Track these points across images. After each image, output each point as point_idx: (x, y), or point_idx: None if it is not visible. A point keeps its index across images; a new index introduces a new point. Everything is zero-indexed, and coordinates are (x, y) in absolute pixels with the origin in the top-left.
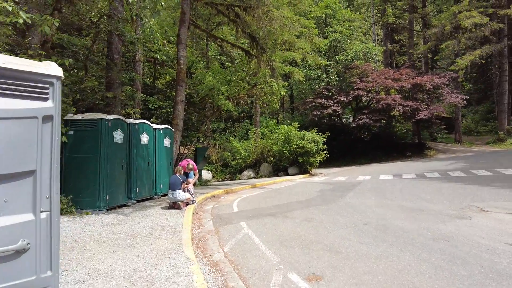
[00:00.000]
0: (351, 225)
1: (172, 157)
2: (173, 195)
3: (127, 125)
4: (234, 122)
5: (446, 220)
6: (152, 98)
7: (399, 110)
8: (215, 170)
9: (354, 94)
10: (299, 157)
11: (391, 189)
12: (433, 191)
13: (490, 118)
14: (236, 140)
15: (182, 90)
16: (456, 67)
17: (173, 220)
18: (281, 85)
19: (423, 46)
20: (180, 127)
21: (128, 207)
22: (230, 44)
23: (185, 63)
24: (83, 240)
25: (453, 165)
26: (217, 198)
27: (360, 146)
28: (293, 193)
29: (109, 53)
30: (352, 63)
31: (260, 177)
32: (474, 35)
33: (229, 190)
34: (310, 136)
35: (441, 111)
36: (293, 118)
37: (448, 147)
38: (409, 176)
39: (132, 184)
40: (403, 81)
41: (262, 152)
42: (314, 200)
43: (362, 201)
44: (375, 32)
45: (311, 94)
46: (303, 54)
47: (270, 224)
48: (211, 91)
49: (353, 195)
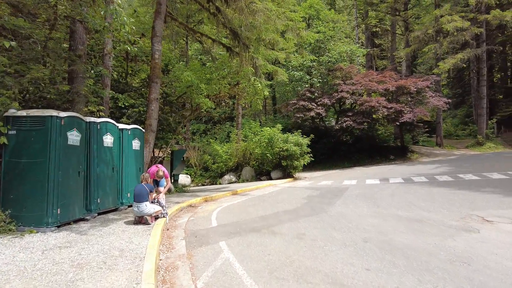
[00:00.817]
0: (350, 242)
1: (142, 161)
2: (138, 208)
3: (86, 124)
4: (215, 124)
5: (452, 234)
6: (123, 95)
7: (383, 113)
8: (194, 174)
9: (337, 96)
10: (283, 160)
11: (380, 195)
12: (425, 197)
13: (468, 122)
14: (217, 143)
15: (156, 87)
16: (439, 70)
17: (137, 240)
18: (264, 85)
19: (407, 49)
20: (154, 127)
21: (86, 221)
22: (211, 40)
23: (160, 57)
24: (6, 277)
25: (439, 169)
26: (194, 208)
27: (343, 149)
28: (278, 200)
29: (72, 42)
30: (336, 64)
31: (242, 181)
32: (456, 39)
33: (208, 198)
34: (294, 138)
35: (425, 114)
36: (275, 120)
37: (431, 150)
38: (396, 181)
39: (92, 194)
40: (387, 84)
41: (244, 155)
42: (303, 209)
43: (354, 210)
44: (357, 34)
45: (294, 96)
46: (287, 55)
47: (255, 243)
48: (189, 88)
49: (342, 202)
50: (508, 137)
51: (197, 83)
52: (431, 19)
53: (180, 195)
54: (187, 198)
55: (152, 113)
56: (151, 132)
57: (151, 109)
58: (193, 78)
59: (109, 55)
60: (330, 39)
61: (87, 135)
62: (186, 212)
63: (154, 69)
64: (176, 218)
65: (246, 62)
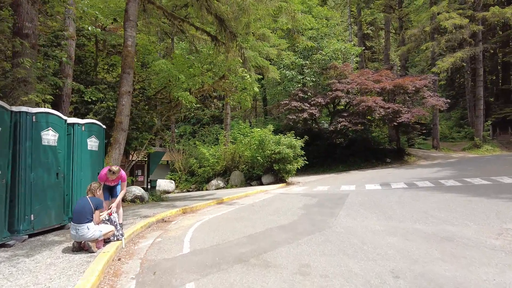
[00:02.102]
0: (376, 280)
1: (102, 165)
2: (77, 231)
3: (11, 114)
4: (203, 125)
5: (505, 260)
6: (90, 89)
7: (380, 113)
8: (179, 179)
9: (332, 95)
10: (275, 164)
11: (387, 203)
12: (440, 205)
13: (463, 124)
14: (203, 145)
15: (129, 79)
16: (437, 69)
17: (58, 284)
18: (254, 79)
19: (403, 47)
20: (125, 125)
21: (7, 248)
22: (194, 28)
23: (134, 45)
24: None
25: (441, 173)
26: (166, 223)
27: (337, 152)
28: (271, 211)
29: (18, 19)
30: (330, 62)
31: (231, 186)
32: (454, 36)
33: (188, 209)
34: (287, 140)
35: (423, 114)
36: (266, 122)
37: (428, 153)
38: (399, 186)
39: (21, 209)
40: (384, 82)
41: (232, 159)
42: (301, 224)
43: (363, 223)
44: (351, 33)
45: (285, 98)
46: (278, 52)
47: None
48: (169, 83)
49: (346, 213)
50: (503, 139)
51: (175, 74)
52: (428, 16)
53: (154, 206)
54: (161, 209)
55: (123, 108)
56: (121, 131)
57: (122, 104)
58: (170, 67)
59: (72, 40)
60: (324, 37)
61: (16, 129)
62: (154, 229)
63: (126, 58)
64: (138, 239)
65: (233, 53)
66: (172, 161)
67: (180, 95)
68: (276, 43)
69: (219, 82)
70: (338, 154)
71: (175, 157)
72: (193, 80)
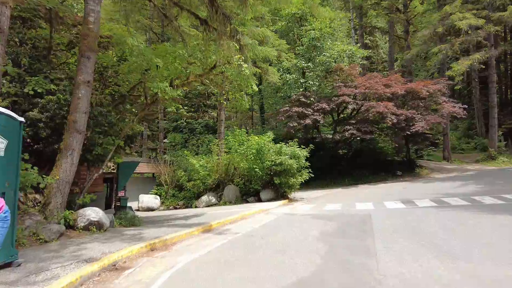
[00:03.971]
0: None
1: (15, 178)
2: None
3: None
4: (193, 133)
5: None
6: (36, 77)
7: (391, 120)
8: (165, 195)
9: (338, 100)
10: (275, 177)
11: (429, 229)
12: (507, 233)
13: (472, 135)
14: (193, 155)
15: (88, 65)
16: (452, 72)
17: None
18: (253, 72)
19: (411, 50)
20: (82, 126)
21: None
22: (177, 7)
23: (97, 23)
24: None
25: (467, 188)
26: (117, 273)
27: (342, 164)
28: (278, 246)
29: None
30: (336, 64)
31: (224, 203)
32: (468, 38)
33: (158, 244)
34: (290, 150)
35: (439, 122)
36: (263, 132)
37: (440, 165)
38: (426, 204)
39: None
40: (394, 87)
41: (226, 171)
42: (330, 273)
43: (421, 267)
44: (354, 36)
45: (284, 105)
46: (278, 53)
47: None
48: (146, 74)
49: (384, 247)
50: None
51: (151, 59)
52: (440, 17)
53: (113, 237)
54: (120, 244)
55: (79, 103)
56: (75, 133)
57: (77, 97)
58: (147, 51)
59: (5, 6)
60: (327, 37)
61: None
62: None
63: (86, 38)
64: None
65: (226, 39)
66: (158, 173)
67: (155, 86)
68: (275, 43)
69: (209, 74)
70: (343, 166)
71: (162, 169)
72: (174, 68)
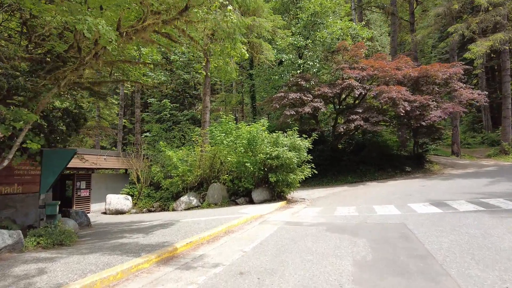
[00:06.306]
0: None
1: None
2: None
3: None
4: (178, 125)
5: None
6: None
7: (404, 107)
8: (138, 194)
9: (343, 84)
10: (271, 173)
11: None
12: None
13: (477, 129)
14: (170, 148)
15: None
16: (471, 54)
17: None
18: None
19: (421, 31)
20: None
21: None
22: None
23: None
24: None
25: (500, 186)
26: None
27: (344, 159)
28: None
29: None
30: (339, 41)
31: (208, 205)
32: (487, 17)
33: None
34: (288, 140)
35: (459, 111)
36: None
37: (451, 160)
38: (468, 208)
39: None
40: (405, 70)
41: (211, 166)
42: None
43: None
44: (355, 19)
45: (278, 91)
46: (273, 29)
47: None
48: None
49: None
50: None
51: None
52: None
53: (6, 274)
54: None
55: None
56: None
57: None
58: None
59: None
60: (329, 11)
61: None
62: None
63: None
64: None
65: None
66: (131, 170)
67: (86, 24)
68: (270, 19)
69: (179, 18)
70: (345, 162)
71: (134, 164)
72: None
